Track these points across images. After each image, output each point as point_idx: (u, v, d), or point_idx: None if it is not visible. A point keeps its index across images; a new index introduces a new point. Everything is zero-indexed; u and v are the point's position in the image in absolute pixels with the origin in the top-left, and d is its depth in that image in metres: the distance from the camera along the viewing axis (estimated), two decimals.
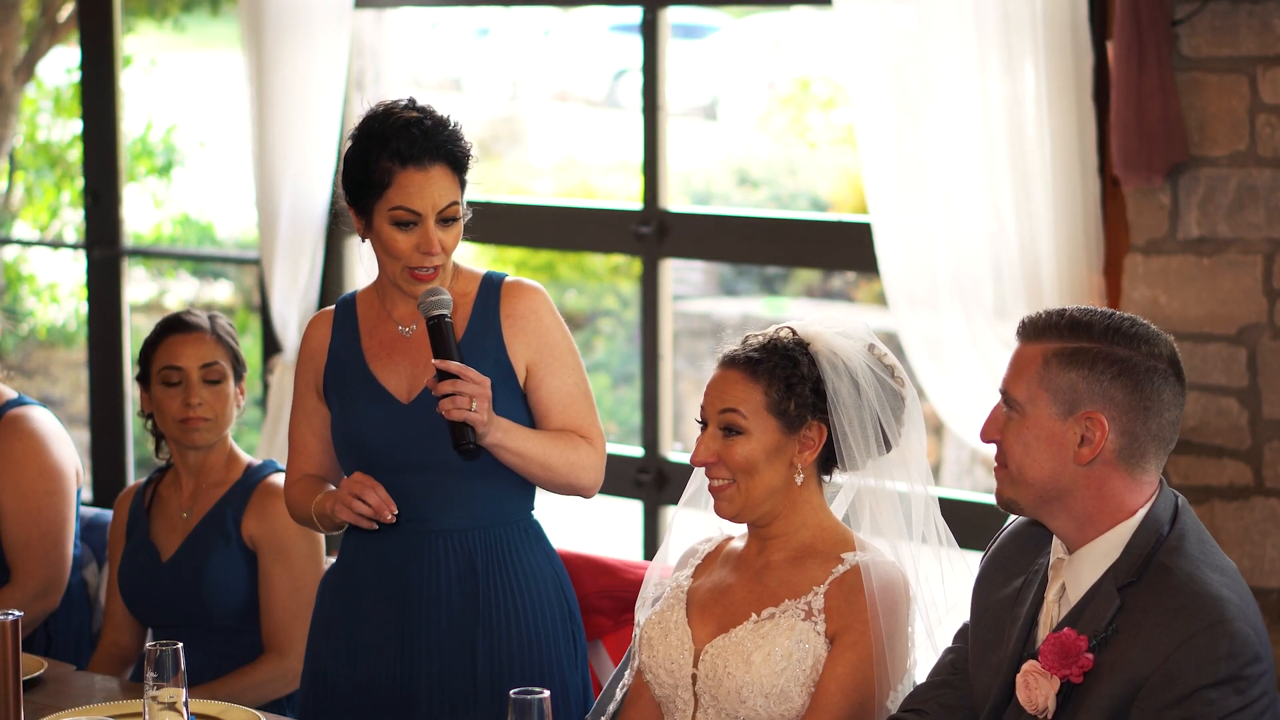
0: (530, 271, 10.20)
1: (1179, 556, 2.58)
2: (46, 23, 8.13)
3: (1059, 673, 2.56)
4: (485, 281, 3.43)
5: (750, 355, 3.02)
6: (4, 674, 2.95)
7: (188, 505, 3.87)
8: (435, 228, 3.28)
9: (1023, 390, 2.65)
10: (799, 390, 2.99)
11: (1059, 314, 2.67)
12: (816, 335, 3.04)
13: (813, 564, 3.02)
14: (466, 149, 3.32)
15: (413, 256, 3.28)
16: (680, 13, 7.39)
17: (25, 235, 8.92)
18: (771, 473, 3.00)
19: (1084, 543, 2.64)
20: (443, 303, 3.25)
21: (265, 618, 3.79)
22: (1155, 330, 2.66)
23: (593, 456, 3.40)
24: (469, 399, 3.18)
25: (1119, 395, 2.61)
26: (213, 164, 9.67)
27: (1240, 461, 4.36)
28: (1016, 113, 4.43)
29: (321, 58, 5.53)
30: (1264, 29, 4.24)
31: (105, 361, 6.34)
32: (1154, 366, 2.62)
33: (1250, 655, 2.50)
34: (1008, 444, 2.67)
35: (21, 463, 4.04)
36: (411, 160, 3.26)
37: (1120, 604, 2.57)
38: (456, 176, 3.30)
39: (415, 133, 3.26)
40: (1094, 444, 2.60)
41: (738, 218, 5.49)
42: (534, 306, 3.41)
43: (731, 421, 3.00)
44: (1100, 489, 2.62)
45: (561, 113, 11.68)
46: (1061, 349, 2.63)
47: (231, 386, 3.88)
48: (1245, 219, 4.31)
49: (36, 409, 4.14)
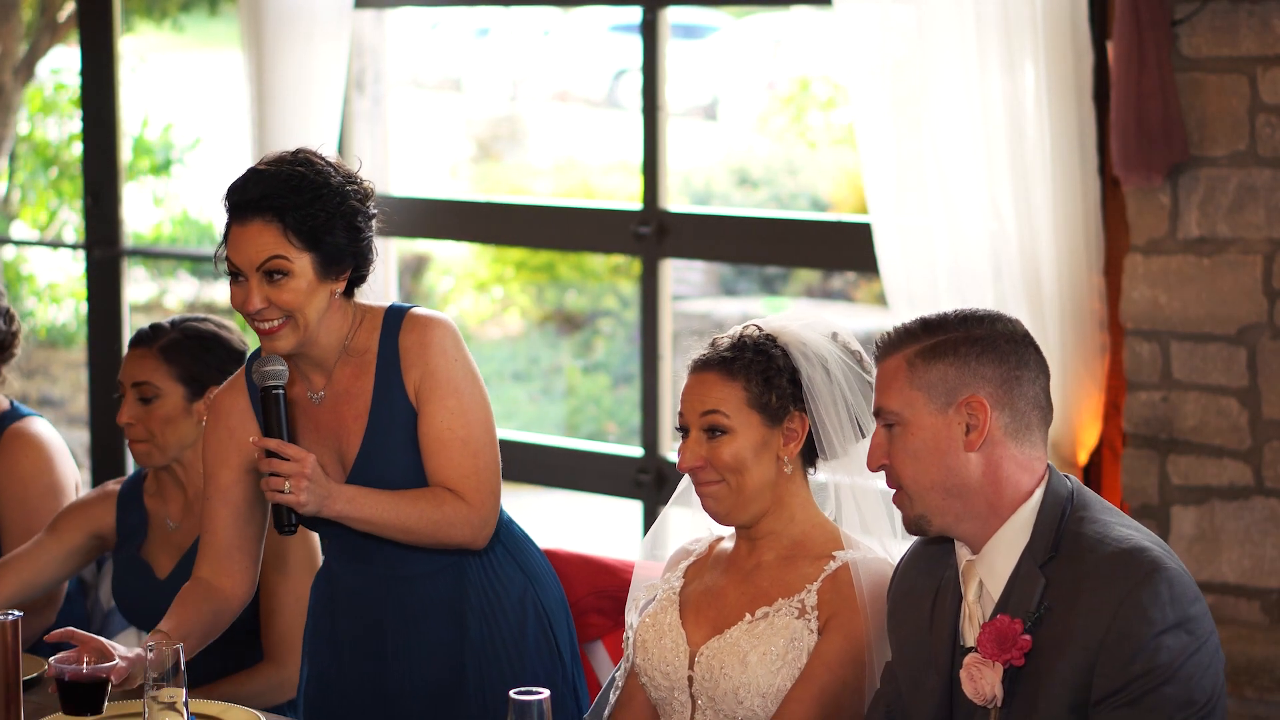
0: (530, 272, 10.20)
1: (1090, 523, 2.61)
2: (46, 23, 8.13)
3: (999, 659, 2.57)
4: (386, 324, 3.26)
5: (724, 355, 3.02)
6: (4, 674, 2.95)
7: (177, 517, 3.77)
8: (258, 284, 3.14)
9: (895, 399, 2.67)
10: (777, 382, 2.99)
11: (910, 322, 2.71)
12: (782, 329, 3.05)
13: (804, 562, 3.01)
14: (303, 201, 3.14)
15: (245, 310, 3.15)
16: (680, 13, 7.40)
17: (25, 235, 8.92)
18: (760, 468, 3.00)
19: (985, 539, 2.65)
20: (275, 374, 3.15)
21: (266, 628, 3.74)
22: (1000, 312, 2.71)
23: (463, 513, 3.22)
24: (282, 480, 3.09)
25: (989, 371, 2.64)
26: (212, 163, 9.67)
27: (1240, 461, 4.35)
28: (1016, 113, 4.43)
29: (321, 57, 5.53)
30: (1264, 29, 4.24)
31: (105, 361, 6.33)
32: (1012, 337, 2.66)
33: (1191, 594, 2.53)
34: (897, 463, 2.68)
35: (27, 479, 4.02)
36: (234, 212, 3.19)
37: (1046, 581, 2.58)
38: (285, 233, 3.13)
39: (244, 183, 3.18)
40: (980, 426, 2.62)
41: (738, 218, 5.49)
42: (422, 343, 3.23)
43: (714, 423, 2.99)
44: (996, 474, 2.63)
45: (561, 113, 11.68)
46: (921, 348, 2.66)
47: (175, 404, 3.71)
48: (1245, 219, 4.30)
49: (38, 421, 4.12)
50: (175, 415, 3.72)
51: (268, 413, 3.15)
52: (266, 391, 3.16)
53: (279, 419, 3.15)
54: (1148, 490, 4.45)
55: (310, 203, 3.16)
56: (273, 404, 3.15)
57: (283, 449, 3.10)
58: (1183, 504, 4.42)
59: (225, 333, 3.78)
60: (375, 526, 3.19)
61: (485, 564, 3.37)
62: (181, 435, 3.73)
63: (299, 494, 3.09)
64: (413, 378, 3.24)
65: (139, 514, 3.82)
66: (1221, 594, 4.37)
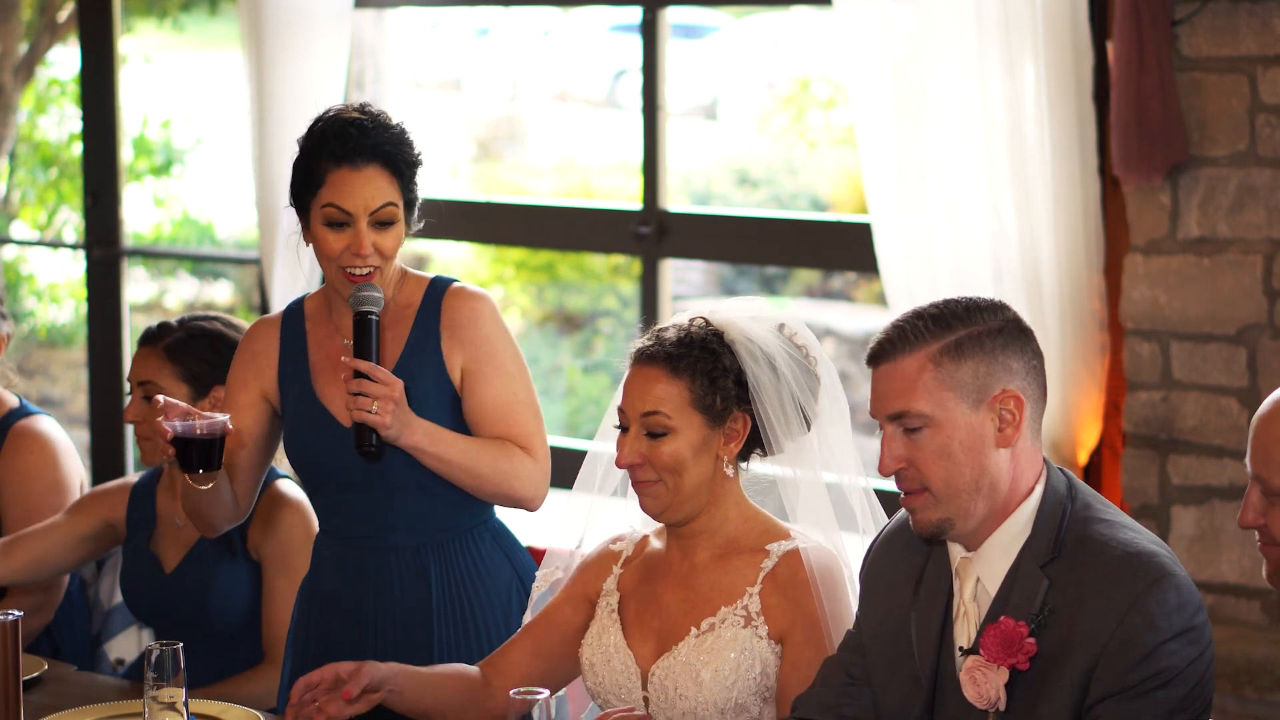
0: (530, 272, 10.20)
1: (1094, 523, 2.57)
2: (46, 22, 8.13)
3: (1004, 662, 2.54)
4: (430, 289, 3.38)
5: (669, 351, 2.95)
6: (4, 674, 2.95)
7: (184, 515, 3.81)
8: (367, 229, 3.23)
9: (925, 401, 2.58)
10: (722, 383, 2.94)
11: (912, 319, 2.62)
12: (730, 323, 2.98)
13: (739, 560, 2.97)
14: (409, 155, 3.27)
15: (344, 257, 3.23)
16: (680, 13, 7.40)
17: (25, 235, 8.92)
18: (699, 468, 2.95)
19: (986, 536, 2.61)
20: (372, 300, 3.21)
21: (267, 628, 3.75)
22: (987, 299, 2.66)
23: (530, 467, 3.33)
24: (370, 400, 3.14)
25: (1015, 363, 2.60)
26: (212, 163, 9.67)
27: (1240, 461, 4.35)
28: (1016, 113, 4.43)
29: (321, 58, 5.53)
30: (1264, 29, 4.24)
31: (105, 361, 6.33)
32: (1020, 327, 2.63)
33: (1196, 603, 2.51)
34: (924, 466, 2.59)
35: (32, 477, 4.03)
36: (345, 159, 3.23)
37: (1049, 582, 2.54)
38: (395, 179, 3.25)
39: (352, 132, 3.23)
40: (1015, 422, 2.58)
41: (738, 218, 5.49)
42: (474, 314, 3.35)
43: (656, 424, 2.94)
44: (1015, 467, 2.60)
45: (561, 113, 11.67)
46: (944, 345, 2.59)
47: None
48: (1245, 219, 4.30)
49: (44, 419, 4.13)
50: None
51: (361, 336, 3.20)
52: (362, 316, 3.20)
53: (370, 343, 3.20)
54: (1148, 490, 4.45)
55: (410, 155, 3.28)
56: (367, 328, 3.20)
57: (373, 371, 3.14)
58: (1183, 504, 4.42)
59: (232, 331, 3.78)
60: (445, 464, 3.25)
61: (471, 545, 3.39)
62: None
63: (384, 415, 3.14)
64: (457, 353, 3.32)
65: (149, 508, 3.86)
66: (1221, 594, 4.37)
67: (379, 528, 3.37)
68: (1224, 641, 4.25)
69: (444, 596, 3.37)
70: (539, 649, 3.09)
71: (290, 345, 3.40)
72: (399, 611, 3.37)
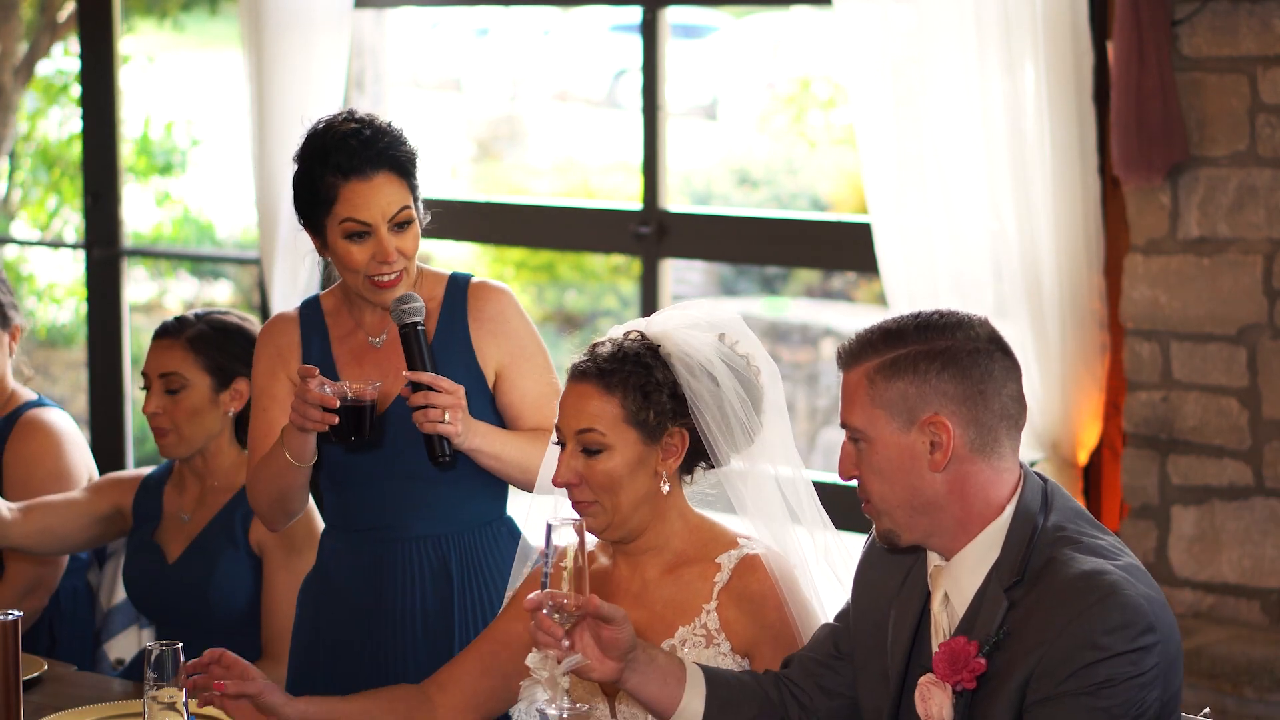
0: (530, 272, 10.21)
1: (1061, 544, 2.53)
2: (46, 22, 8.13)
3: (950, 680, 2.52)
4: (451, 284, 3.40)
5: (601, 367, 2.89)
6: (4, 674, 2.95)
7: (190, 508, 3.84)
8: (389, 235, 3.23)
9: (859, 416, 2.58)
10: (655, 398, 2.87)
11: (869, 331, 2.61)
12: (665, 335, 2.92)
13: (690, 573, 2.92)
14: (411, 152, 3.28)
15: (370, 266, 3.23)
16: (680, 13, 7.40)
17: (25, 235, 8.91)
18: (635, 485, 2.88)
19: (957, 549, 2.59)
20: (415, 310, 3.21)
21: (265, 623, 3.77)
22: (967, 315, 2.60)
23: None
24: (441, 411, 3.14)
25: (950, 388, 2.55)
26: (213, 163, 9.67)
27: (1240, 461, 4.35)
28: (1016, 113, 4.43)
29: (321, 58, 5.53)
30: (1264, 29, 4.24)
31: (105, 361, 6.34)
32: (975, 348, 2.56)
33: (1143, 624, 2.45)
34: (865, 478, 2.60)
35: (32, 463, 4.05)
36: (354, 171, 3.22)
37: (1009, 604, 2.52)
38: (404, 181, 3.26)
39: (354, 143, 3.23)
40: (944, 446, 2.54)
41: (738, 218, 5.49)
42: (502, 308, 3.38)
43: (590, 441, 2.87)
44: (963, 490, 2.56)
45: (561, 113, 11.68)
46: (880, 363, 2.57)
47: (201, 395, 3.77)
48: (1245, 219, 4.30)
49: (54, 411, 4.15)
50: (202, 406, 3.77)
51: (411, 347, 3.20)
52: (409, 328, 3.20)
53: (422, 353, 3.20)
54: (1148, 490, 4.45)
55: (412, 153, 3.29)
56: (416, 339, 3.20)
57: (436, 382, 3.13)
58: (1183, 504, 4.42)
59: (248, 325, 3.83)
60: (501, 463, 3.26)
61: (490, 538, 3.40)
62: (208, 427, 3.79)
63: (456, 424, 3.14)
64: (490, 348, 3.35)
65: (155, 503, 3.89)
66: (1221, 594, 4.37)
67: (399, 518, 3.36)
68: (1224, 641, 4.25)
69: (465, 589, 3.37)
70: (487, 666, 3.02)
71: (312, 341, 3.41)
72: (419, 605, 3.36)
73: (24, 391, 4.17)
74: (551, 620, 2.57)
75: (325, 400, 3.09)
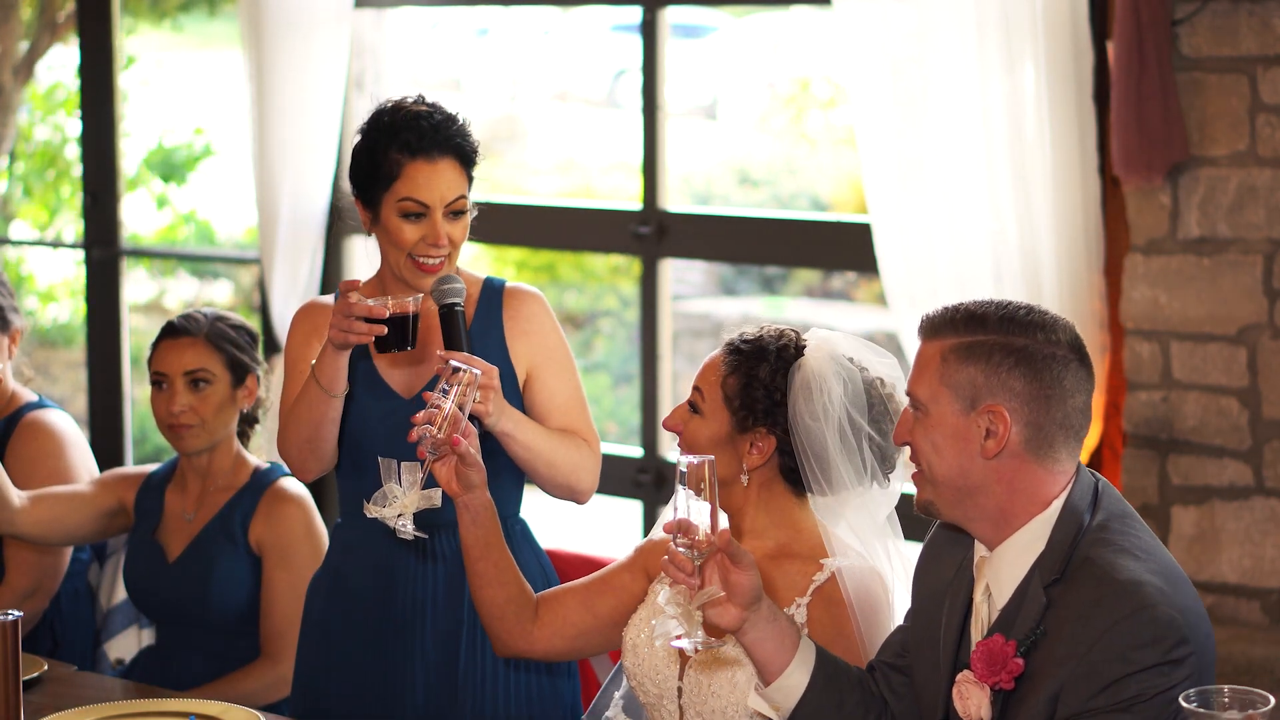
0: (531, 271, 10.20)
1: (1103, 546, 2.55)
2: (46, 22, 8.13)
3: (989, 680, 2.54)
4: (487, 286, 3.45)
5: (738, 344, 3.01)
6: (4, 674, 2.95)
7: (192, 508, 3.86)
8: (443, 220, 3.28)
9: (925, 389, 2.64)
10: (753, 393, 2.96)
11: (955, 309, 2.65)
12: (816, 355, 2.99)
13: (792, 566, 2.97)
14: (474, 145, 3.34)
15: (418, 247, 3.27)
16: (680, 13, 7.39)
17: (25, 235, 8.91)
18: (723, 463, 2.95)
19: (1002, 540, 2.62)
20: (456, 291, 3.24)
21: (264, 622, 3.78)
22: (1054, 316, 2.63)
23: (591, 460, 3.40)
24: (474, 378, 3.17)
25: (1018, 385, 2.58)
26: (212, 164, 9.67)
27: (1240, 461, 4.35)
28: (1016, 113, 4.43)
29: (321, 57, 5.53)
30: (1264, 29, 4.24)
31: (104, 361, 6.34)
32: (1052, 354, 2.59)
33: (1175, 638, 2.46)
34: (918, 445, 2.65)
35: (32, 465, 4.05)
36: (420, 152, 3.27)
37: (1047, 602, 2.54)
38: (464, 171, 3.31)
39: (424, 125, 3.28)
40: (998, 437, 2.58)
41: (738, 218, 5.49)
42: (536, 311, 3.43)
43: (694, 400, 3.02)
44: (1011, 483, 2.60)
45: (561, 113, 11.67)
46: (958, 344, 2.61)
47: (224, 390, 3.84)
48: (1245, 219, 4.30)
49: (55, 412, 4.16)
50: (224, 402, 3.85)
51: (450, 327, 3.22)
52: (449, 308, 3.22)
53: (460, 334, 3.22)
54: (1148, 490, 4.45)
55: (475, 146, 3.35)
56: (455, 320, 3.22)
57: (471, 362, 3.14)
58: (1183, 504, 4.42)
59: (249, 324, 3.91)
60: (530, 452, 3.29)
61: (507, 535, 3.40)
62: (227, 422, 3.86)
63: (488, 404, 3.16)
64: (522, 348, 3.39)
65: (157, 501, 3.92)
66: (1221, 594, 4.37)
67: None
68: (1224, 641, 4.25)
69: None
70: (591, 604, 3.12)
71: None
72: (429, 597, 3.37)
73: (24, 393, 4.18)
74: (683, 555, 2.62)
75: (373, 311, 3.11)
